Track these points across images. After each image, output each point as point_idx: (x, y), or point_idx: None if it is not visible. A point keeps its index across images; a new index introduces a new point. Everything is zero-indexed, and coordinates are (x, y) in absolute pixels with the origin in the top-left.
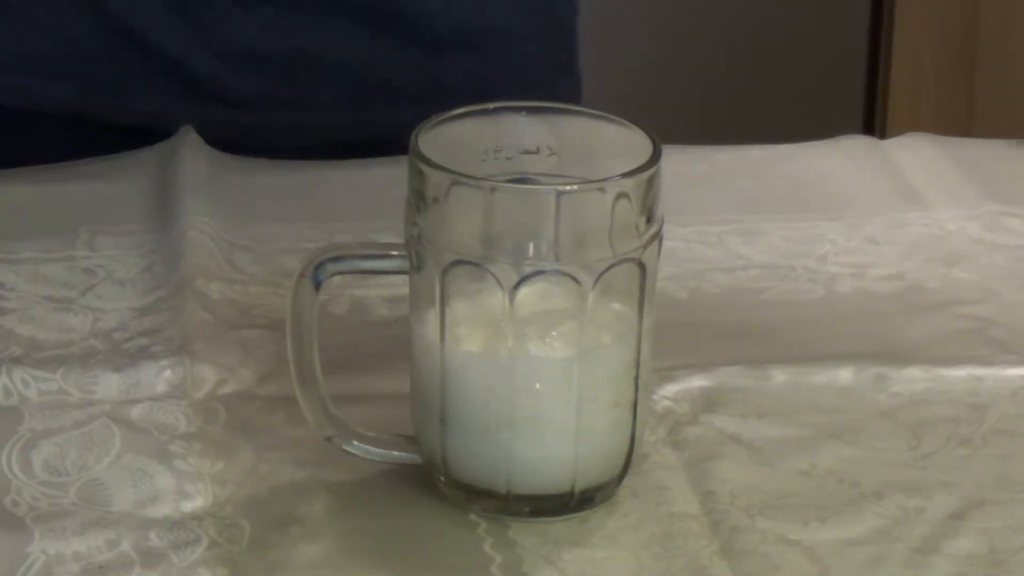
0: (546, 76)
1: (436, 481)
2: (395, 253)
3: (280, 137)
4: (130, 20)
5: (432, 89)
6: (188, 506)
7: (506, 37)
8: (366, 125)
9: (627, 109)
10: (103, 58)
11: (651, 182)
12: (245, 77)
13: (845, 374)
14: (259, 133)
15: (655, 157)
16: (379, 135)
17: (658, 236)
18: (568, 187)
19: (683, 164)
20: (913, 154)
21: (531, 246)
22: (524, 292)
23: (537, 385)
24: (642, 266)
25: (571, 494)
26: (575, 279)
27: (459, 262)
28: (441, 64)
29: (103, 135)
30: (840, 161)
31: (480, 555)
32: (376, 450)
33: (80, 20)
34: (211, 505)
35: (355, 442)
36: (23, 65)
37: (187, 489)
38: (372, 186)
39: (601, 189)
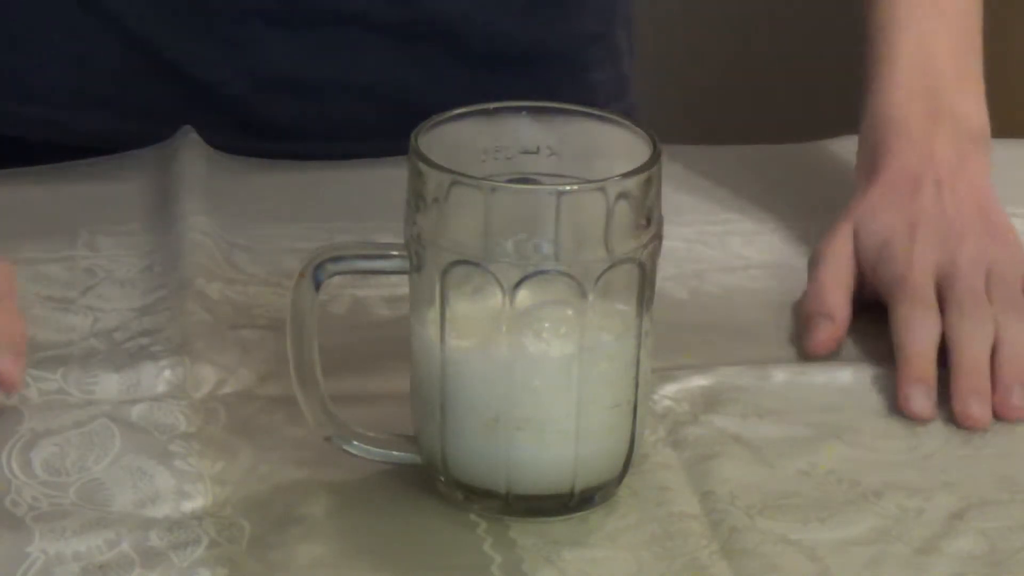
0: (597, 103)
1: (436, 481)
2: (395, 253)
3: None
4: (161, 47)
5: None
6: (188, 506)
7: (558, 61)
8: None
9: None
10: (133, 86)
11: (651, 182)
12: (279, 104)
13: (845, 374)
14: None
15: (655, 157)
16: None
17: (658, 236)
18: (568, 187)
19: (683, 164)
20: None
21: (531, 246)
22: (524, 292)
23: (537, 385)
24: (642, 266)
25: (571, 494)
26: (575, 279)
27: (459, 262)
28: (487, 90)
29: None
30: (840, 161)
31: (480, 555)
32: (376, 450)
33: (109, 48)
34: (211, 505)
35: (355, 442)
36: (48, 96)
37: (187, 489)
38: (372, 186)
39: (601, 189)
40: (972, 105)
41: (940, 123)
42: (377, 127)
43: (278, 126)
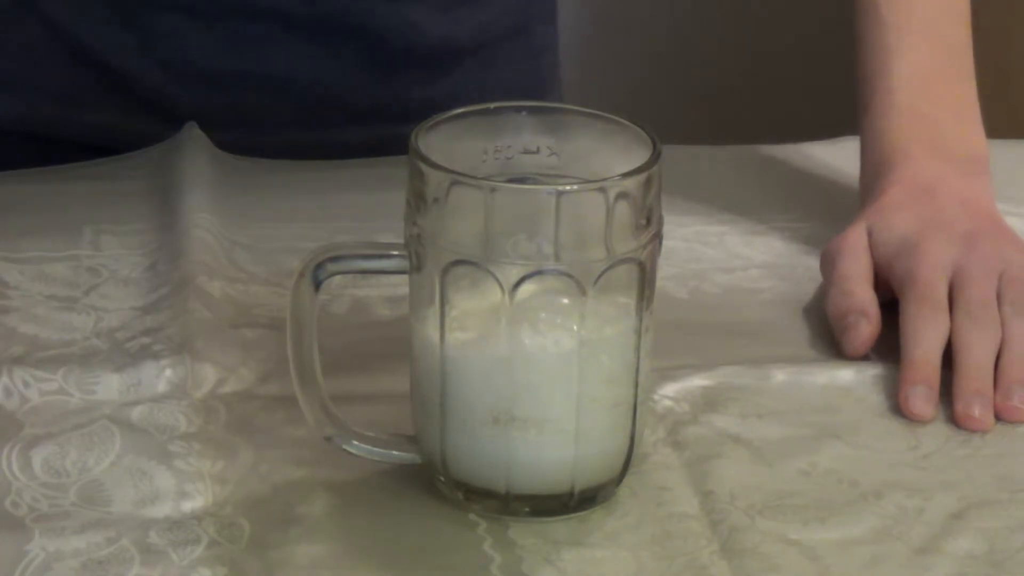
0: (512, 99)
1: (436, 481)
2: (395, 253)
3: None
4: (80, 35)
5: (388, 110)
6: (188, 506)
7: (471, 57)
8: (319, 146)
9: (627, 109)
10: (53, 72)
11: (651, 182)
12: (194, 95)
13: (845, 374)
14: None
15: (655, 157)
16: (332, 156)
17: (658, 236)
18: (568, 187)
19: (683, 164)
20: None
21: (531, 246)
22: (524, 292)
23: (536, 382)
24: (642, 266)
25: (571, 494)
26: (575, 279)
27: (459, 262)
28: (400, 85)
29: (50, 148)
30: (840, 161)
31: (480, 555)
32: (376, 450)
33: (29, 34)
34: (211, 505)
35: (355, 442)
36: None
37: (187, 489)
38: (372, 186)
39: (601, 189)
40: (972, 134)
41: (942, 149)
42: (292, 120)
43: (192, 116)
